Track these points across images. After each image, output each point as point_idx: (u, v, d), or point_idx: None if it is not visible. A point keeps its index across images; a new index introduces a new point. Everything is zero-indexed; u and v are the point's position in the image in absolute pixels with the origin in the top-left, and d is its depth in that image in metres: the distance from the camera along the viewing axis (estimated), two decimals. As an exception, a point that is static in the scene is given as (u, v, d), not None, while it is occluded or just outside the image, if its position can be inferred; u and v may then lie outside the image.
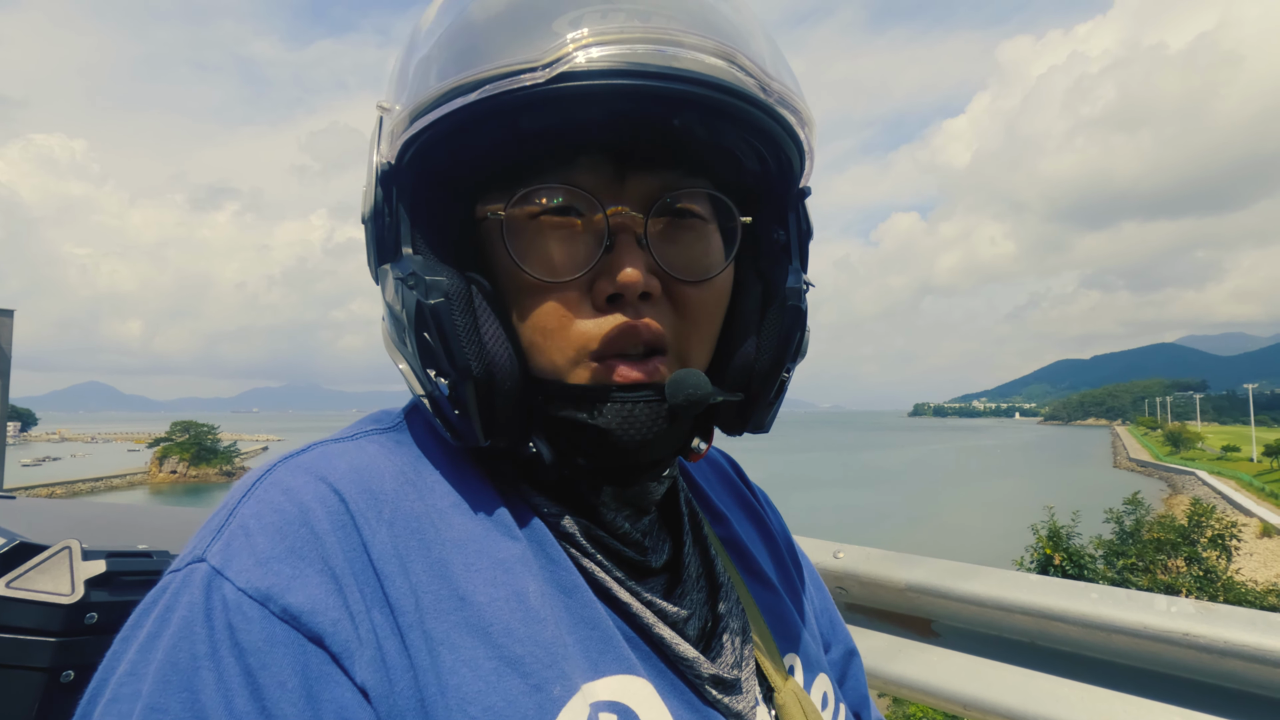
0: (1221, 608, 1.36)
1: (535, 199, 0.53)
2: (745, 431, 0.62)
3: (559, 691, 0.47)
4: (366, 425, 0.58)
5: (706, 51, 0.50)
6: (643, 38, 0.49)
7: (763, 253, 0.62)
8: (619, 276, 0.51)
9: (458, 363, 0.50)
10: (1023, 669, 1.58)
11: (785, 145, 0.57)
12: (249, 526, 0.47)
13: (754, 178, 0.60)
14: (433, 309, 0.50)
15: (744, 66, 0.52)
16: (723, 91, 0.51)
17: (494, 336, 0.52)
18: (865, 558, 1.84)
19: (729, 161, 0.57)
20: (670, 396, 0.52)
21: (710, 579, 0.64)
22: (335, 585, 0.45)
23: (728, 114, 0.52)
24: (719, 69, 0.50)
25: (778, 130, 0.56)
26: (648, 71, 0.48)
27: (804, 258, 0.63)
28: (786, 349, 0.59)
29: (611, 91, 0.49)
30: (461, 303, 0.51)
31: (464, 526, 0.52)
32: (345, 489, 0.49)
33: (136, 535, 0.91)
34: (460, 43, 0.51)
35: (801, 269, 0.62)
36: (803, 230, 0.63)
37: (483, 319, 0.52)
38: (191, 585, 0.45)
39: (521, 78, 0.48)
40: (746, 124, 0.54)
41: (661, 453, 0.56)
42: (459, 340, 0.50)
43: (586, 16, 0.49)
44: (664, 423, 0.53)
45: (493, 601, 0.49)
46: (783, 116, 0.55)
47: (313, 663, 0.43)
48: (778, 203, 0.62)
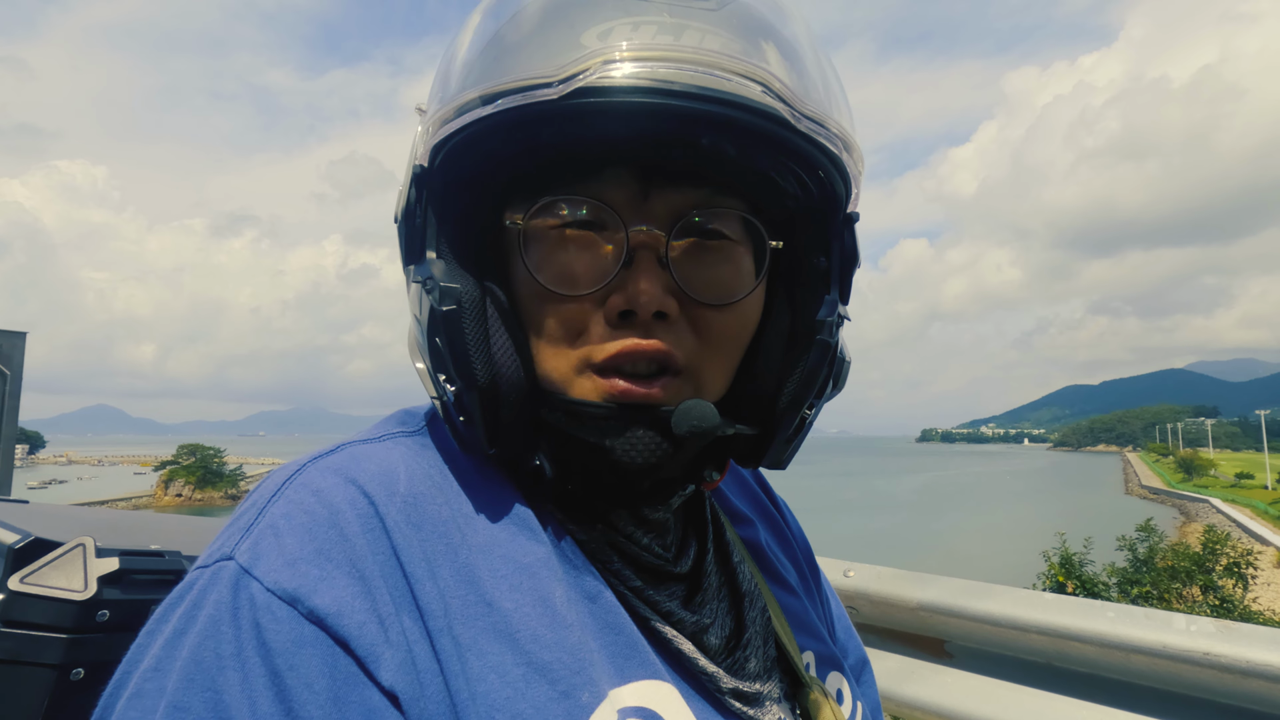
0: (1243, 626, 1.33)
1: (556, 210, 0.52)
2: (761, 466, 0.61)
3: (587, 698, 0.47)
4: (392, 426, 0.58)
5: (736, 73, 0.48)
6: (668, 56, 0.48)
7: (800, 280, 0.59)
8: (633, 293, 0.50)
9: (464, 371, 0.50)
10: (1039, 690, 1.55)
11: (825, 169, 0.55)
12: (278, 526, 0.46)
13: (795, 201, 0.57)
14: (445, 315, 0.50)
15: (775, 90, 0.49)
16: (751, 114, 0.49)
17: (503, 347, 0.52)
18: (876, 576, 1.82)
19: (765, 184, 0.55)
20: (675, 426, 0.51)
21: (733, 587, 0.63)
22: (364, 588, 0.45)
23: (759, 136, 0.50)
24: (748, 90, 0.49)
25: (815, 154, 0.53)
26: (672, 90, 0.47)
27: (845, 287, 0.60)
28: (810, 385, 0.57)
29: (633, 109, 0.48)
30: (474, 311, 0.51)
31: (489, 532, 0.52)
32: (375, 492, 0.49)
33: (149, 539, 0.91)
34: (492, 52, 0.52)
35: (842, 299, 0.59)
36: (846, 258, 0.59)
37: (494, 329, 0.52)
38: (219, 583, 0.45)
39: (535, 93, 0.48)
40: (780, 147, 0.52)
41: (665, 478, 0.55)
42: (466, 349, 0.51)
43: (617, 30, 0.48)
44: (667, 449, 0.52)
45: (519, 607, 0.49)
46: (819, 143, 0.53)
47: (340, 665, 0.43)
48: (820, 227, 0.59)
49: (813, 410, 0.58)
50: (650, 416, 0.51)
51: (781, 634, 0.63)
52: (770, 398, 0.57)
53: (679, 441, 0.52)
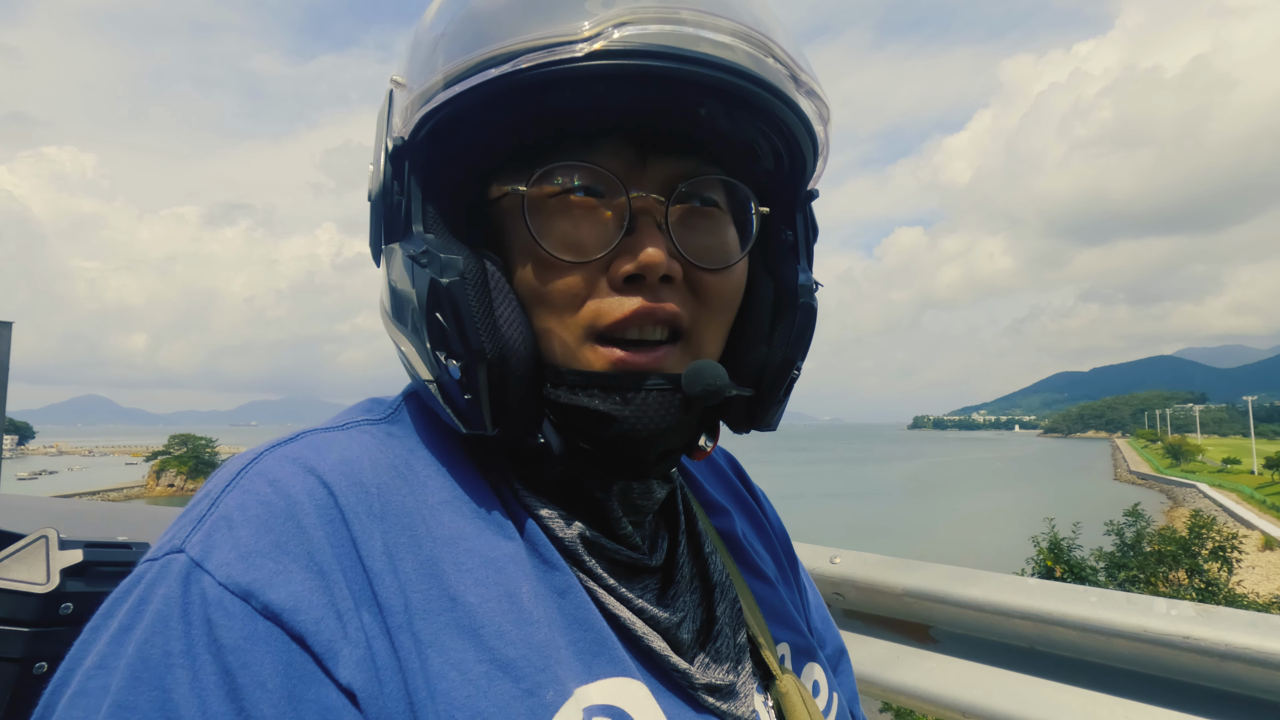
0: (1222, 610, 1.34)
1: (556, 178, 0.52)
2: (752, 429, 0.61)
3: (551, 696, 0.46)
4: (358, 414, 0.56)
5: (741, 38, 0.50)
6: (679, 18, 0.48)
7: (772, 250, 0.62)
8: (641, 256, 0.50)
9: (472, 345, 0.49)
10: (1023, 675, 1.56)
11: (803, 142, 0.57)
12: (232, 518, 0.45)
13: (767, 175, 0.60)
14: (448, 288, 0.49)
15: (777, 55, 0.52)
16: (753, 81, 0.50)
17: (509, 318, 0.51)
18: (862, 563, 1.83)
19: (746, 155, 0.57)
20: (688, 387, 0.51)
21: (704, 578, 0.62)
22: (322, 582, 0.44)
23: (753, 105, 0.52)
24: (754, 57, 0.50)
25: (798, 125, 0.55)
26: (682, 55, 0.48)
27: (810, 258, 0.63)
28: (799, 346, 0.59)
29: (644, 72, 0.48)
30: (477, 282, 0.50)
31: (456, 524, 0.50)
32: (334, 482, 0.47)
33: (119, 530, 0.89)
34: (487, 17, 0.50)
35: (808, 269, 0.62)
36: (810, 231, 0.63)
37: (498, 300, 0.51)
38: (168, 577, 0.43)
39: (560, 49, 0.47)
40: (768, 117, 0.54)
41: (672, 445, 0.55)
42: (474, 321, 0.49)
43: None
44: (678, 414, 0.52)
45: (484, 602, 0.47)
46: (804, 112, 0.55)
47: (296, 662, 0.41)
48: (786, 202, 0.62)
49: (798, 371, 0.60)
50: (659, 380, 0.51)
51: (754, 625, 0.63)
52: (761, 361, 0.59)
53: (689, 404, 0.52)
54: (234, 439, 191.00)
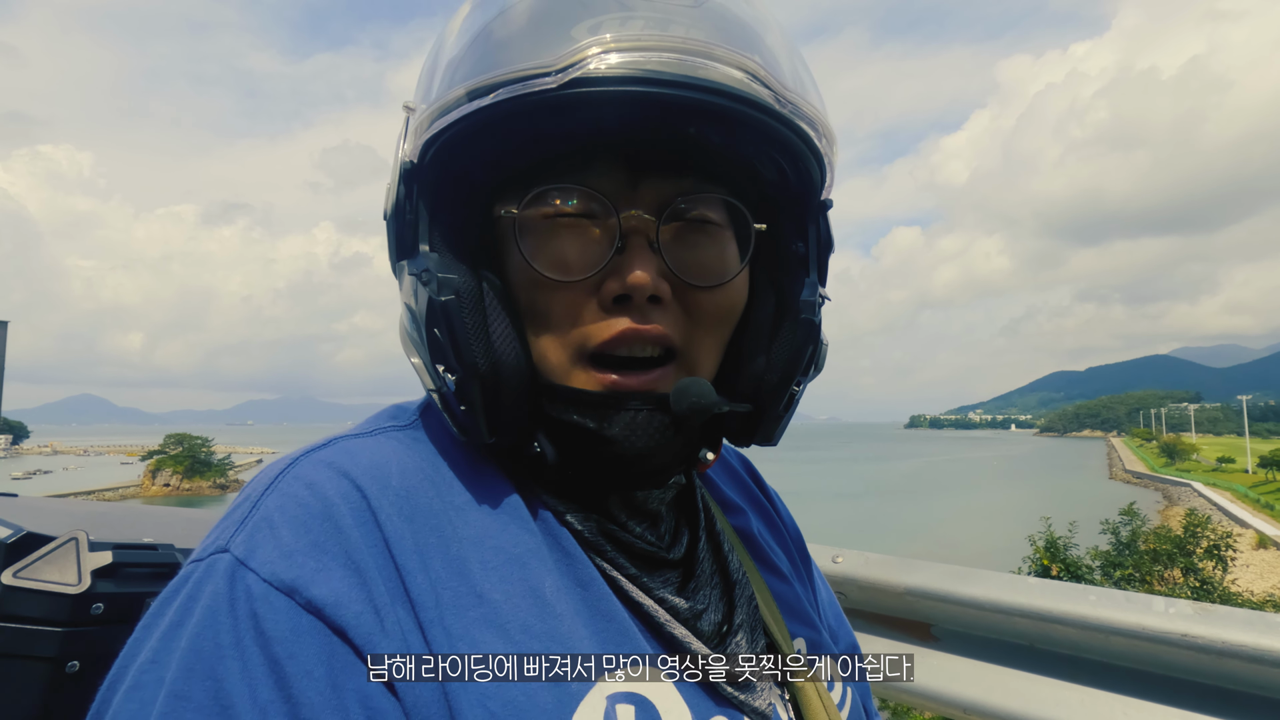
0: (1219, 608, 1.36)
1: (549, 199, 0.53)
2: (753, 444, 0.62)
3: (576, 685, 0.48)
4: (384, 421, 0.59)
5: (723, 61, 0.50)
6: (659, 45, 0.49)
7: (780, 264, 0.62)
8: (628, 278, 0.52)
9: (465, 359, 0.51)
10: (1023, 672, 1.57)
11: (803, 157, 0.57)
12: (273, 519, 0.47)
13: (773, 187, 0.60)
14: (443, 306, 0.51)
15: (760, 77, 0.52)
16: (738, 101, 0.51)
17: (502, 335, 0.53)
18: (864, 562, 1.84)
19: (746, 171, 0.57)
20: (674, 404, 0.53)
21: (724, 574, 0.64)
22: (360, 579, 0.46)
23: (744, 124, 0.52)
24: (735, 79, 0.51)
25: (795, 142, 0.56)
26: (663, 79, 0.49)
27: (822, 270, 0.63)
28: (797, 362, 0.59)
29: (625, 98, 0.49)
30: (472, 300, 0.52)
31: (480, 523, 0.53)
32: (366, 484, 0.50)
33: (140, 532, 0.91)
34: (483, 46, 0.52)
35: (820, 282, 0.62)
36: (822, 242, 0.63)
37: (492, 317, 0.53)
38: (215, 575, 0.45)
39: (534, 82, 0.49)
40: (763, 135, 0.54)
41: (664, 462, 0.56)
42: (467, 337, 0.51)
43: (606, 23, 0.50)
44: (668, 432, 0.53)
45: (509, 598, 0.50)
46: (800, 128, 0.55)
47: (338, 653, 0.44)
48: (798, 214, 0.62)
49: (800, 387, 0.60)
50: (649, 400, 0.53)
51: (770, 620, 0.65)
52: (760, 376, 0.59)
53: (679, 422, 0.53)
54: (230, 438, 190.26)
